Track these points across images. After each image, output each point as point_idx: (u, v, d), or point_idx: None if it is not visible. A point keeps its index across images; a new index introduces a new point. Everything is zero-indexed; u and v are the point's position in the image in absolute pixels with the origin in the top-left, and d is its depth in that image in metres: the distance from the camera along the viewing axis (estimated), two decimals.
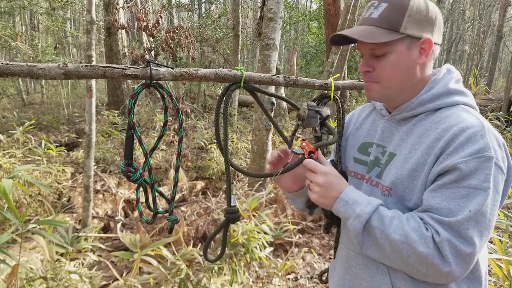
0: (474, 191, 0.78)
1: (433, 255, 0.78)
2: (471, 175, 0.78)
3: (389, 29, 0.87)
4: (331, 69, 4.80)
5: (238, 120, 7.17)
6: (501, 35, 10.62)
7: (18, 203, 3.33)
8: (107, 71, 0.82)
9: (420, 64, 0.91)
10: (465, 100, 0.91)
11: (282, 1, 3.53)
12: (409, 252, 0.80)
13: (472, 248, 0.77)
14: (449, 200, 0.80)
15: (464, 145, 0.80)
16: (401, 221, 0.83)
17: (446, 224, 0.79)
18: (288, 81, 1.11)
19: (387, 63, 0.89)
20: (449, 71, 0.96)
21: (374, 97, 0.95)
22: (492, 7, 16.87)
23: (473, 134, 0.80)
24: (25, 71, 0.75)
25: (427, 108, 0.91)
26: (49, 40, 13.16)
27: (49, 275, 2.01)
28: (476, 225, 0.78)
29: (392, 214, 0.85)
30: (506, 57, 24.02)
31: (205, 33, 8.83)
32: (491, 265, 1.84)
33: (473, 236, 0.77)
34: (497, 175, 0.79)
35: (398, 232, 0.81)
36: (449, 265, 0.78)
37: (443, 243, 0.78)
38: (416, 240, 0.79)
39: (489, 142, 0.79)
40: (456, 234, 0.78)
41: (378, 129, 1.01)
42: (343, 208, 0.87)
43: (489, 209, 0.78)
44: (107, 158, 5.02)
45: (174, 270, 2.09)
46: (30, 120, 5.90)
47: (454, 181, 0.80)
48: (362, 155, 1.03)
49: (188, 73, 0.91)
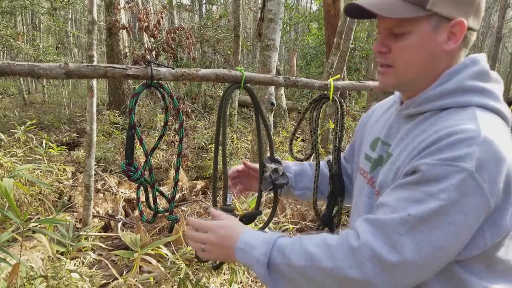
0: (427, 198, 0.64)
1: (343, 266, 0.66)
2: (432, 181, 0.65)
3: (413, 3, 0.72)
4: (331, 70, 4.81)
5: (238, 120, 7.18)
6: (500, 36, 10.62)
7: (19, 202, 3.34)
8: (108, 71, 0.83)
9: (447, 52, 0.74)
10: (482, 101, 0.73)
11: (283, 2, 3.54)
12: (319, 275, 0.68)
13: (398, 257, 0.63)
14: (399, 200, 0.68)
15: (442, 149, 0.66)
16: (302, 243, 0.72)
17: (376, 223, 0.67)
18: (288, 82, 1.12)
19: (406, 44, 0.75)
20: (473, 62, 0.76)
21: (387, 84, 0.81)
22: (492, 8, 16.87)
23: (458, 141, 0.65)
24: (27, 70, 0.75)
25: (434, 106, 0.75)
26: (51, 40, 13.19)
27: (49, 274, 2.02)
28: (411, 233, 0.64)
29: (293, 240, 0.74)
30: (505, 58, 24.00)
31: (205, 34, 8.84)
32: None
33: (404, 245, 0.64)
34: (467, 193, 0.63)
35: (302, 256, 0.70)
36: (366, 275, 0.64)
37: (361, 248, 0.66)
38: (321, 256, 0.68)
39: (473, 153, 0.63)
40: (383, 237, 0.65)
41: (387, 124, 0.89)
42: (243, 258, 0.76)
43: (439, 225, 0.63)
44: (108, 157, 5.03)
45: (174, 269, 2.10)
46: (31, 119, 5.91)
47: (413, 182, 0.68)
48: (372, 152, 0.92)
49: (188, 73, 0.92)
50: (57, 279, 2.02)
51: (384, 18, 0.76)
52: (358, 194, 0.93)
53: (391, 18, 0.74)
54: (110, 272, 2.39)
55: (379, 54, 0.80)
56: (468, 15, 0.73)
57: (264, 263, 0.73)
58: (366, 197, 0.88)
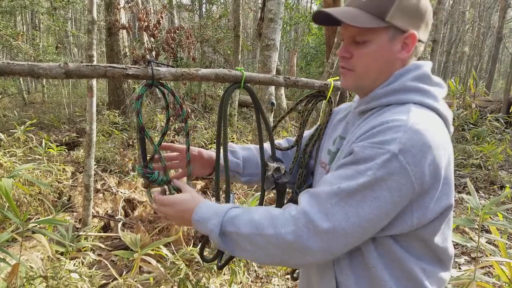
0: (356, 175, 0.74)
1: (282, 233, 0.74)
2: (362, 160, 0.74)
3: (375, 15, 0.81)
4: (331, 70, 4.81)
5: (238, 120, 7.18)
6: (500, 36, 10.62)
7: (18, 202, 3.34)
8: (108, 70, 0.83)
9: (400, 60, 0.85)
10: (420, 99, 0.82)
11: (283, 2, 3.54)
12: (263, 241, 0.77)
13: (329, 224, 0.72)
14: (335, 177, 0.77)
15: (373, 135, 0.76)
16: (250, 213, 0.81)
17: (311, 195, 0.77)
18: (288, 82, 1.12)
19: (366, 52, 0.84)
20: (416, 67, 0.87)
21: (347, 85, 0.91)
22: (492, 8, 16.88)
23: (387, 128, 0.75)
24: (26, 70, 0.75)
25: (380, 103, 0.85)
26: (50, 39, 13.17)
27: (49, 274, 2.02)
28: (341, 204, 0.73)
29: (241, 211, 0.83)
30: (505, 58, 24.02)
31: (205, 34, 8.84)
32: (495, 268, 1.84)
33: (334, 214, 0.73)
34: (392, 172, 0.71)
35: (248, 225, 0.79)
36: (301, 239, 0.73)
37: (298, 215, 0.75)
38: (264, 224, 0.77)
39: (399, 137, 0.72)
40: (318, 206, 0.74)
41: (345, 121, 1.01)
42: (199, 228, 0.86)
43: (364, 198, 0.72)
44: (108, 157, 5.02)
45: (174, 270, 2.10)
46: (31, 119, 5.91)
47: (347, 163, 0.77)
48: (332, 146, 1.02)
49: (188, 73, 0.92)
50: (57, 279, 2.01)
51: (348, 27, 0.84)
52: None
53: (354, 27, 0.82)
54: (109, 272, 2.39)
55: (342, 59, 0.89)
56: (419, 28, 0.83)
57: (217, 232, 0.81)
58: None
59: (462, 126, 6.60)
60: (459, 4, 18.77)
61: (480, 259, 2.23)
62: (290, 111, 1.28)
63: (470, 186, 1.97)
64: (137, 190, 4.02)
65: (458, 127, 6.59)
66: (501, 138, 6.40)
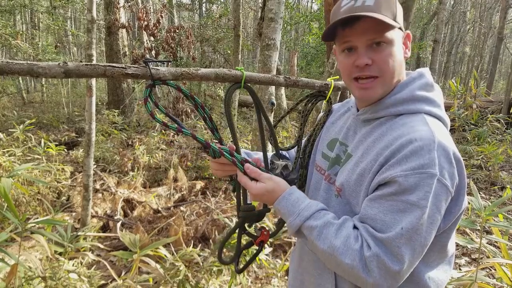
0: (411, 207, 0.75)
1: (358, 267, 0.77)
2: (410, 190, 0.75)
3: (389, 16, 0.81)
4: (332, 70, 4.80)
5: (238, 120, 7.17)
6: (501, 37, 10.62)
7: (17, 202, 3.33)
8: (107, 70, 0.82)
9: (405, 59, 0.87)
10: (429, 109, 0.85)
11: (283, 2, 3.53)
12: (334, 263, 0.80)
13: (400, 265, 0.75)
14: (385, 213, 0.77)
15: (408, 158, 0.76)
16: (330, 231, 0.81)
17: (378, 240, 0.77)
18: (289, 82, 1.10)
19: (389, 52, 0.82)
20: (420, 75, 0.89)
21: (374, 96, 0.87)
22: (493, 9, 16.87)
23: (419, 148, 0.76)
24: (26, 69, 0.74)
25: (389, 113, 0.86)
26: (50, 39, 13.15)
27: (48, 274, 2.01)
28: (408, 243, 0.75)
29: (322, 223, 0.82)
30: (506, 59, 24.03)
31: (205, 33, 8.83)
32: (496, 269, 1.83)
33: (404, 254, 0.75)
34: (439, 193, 0.75)
35: (327, 244, 0.80)
36: (374, 279, 0.76)
37: (371, 258, 0.76)
38: (342, 252, 0.78)
39: (435, 158, 0.75)
40: (387, 250, 0.76)
41: (345, 126, 1.00)
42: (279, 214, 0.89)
43: (424, 227, 0.75)
44: (107, 157, 5.01)
45: (173, 271, 2.09)
46: (30, 118, 5.90)
47: (392, 193, 0.77)
48: (329, 151, 1.02)
49: (188, 72, 0.91)
50: (56, 280, 2.00)
51: (367, 31, 0.81)
52: (315, 188, 1.05)
53: (374, 29, 0.81)
54: (108, 272, 2.38)
55: (363, 69, 0.83)
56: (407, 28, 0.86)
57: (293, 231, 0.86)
58: (323, 192, 0.98)
59: (463, 127, 6.59)
60: (460, 4, 18.77)
61: (481, 260, 2.22)
62: (290, 110, 1.27)
63: (473, 187, 1.96)
64: (136, 190, 4.01)
65: (459, 128, 6.58)
66: (501, 138, 6.40)
